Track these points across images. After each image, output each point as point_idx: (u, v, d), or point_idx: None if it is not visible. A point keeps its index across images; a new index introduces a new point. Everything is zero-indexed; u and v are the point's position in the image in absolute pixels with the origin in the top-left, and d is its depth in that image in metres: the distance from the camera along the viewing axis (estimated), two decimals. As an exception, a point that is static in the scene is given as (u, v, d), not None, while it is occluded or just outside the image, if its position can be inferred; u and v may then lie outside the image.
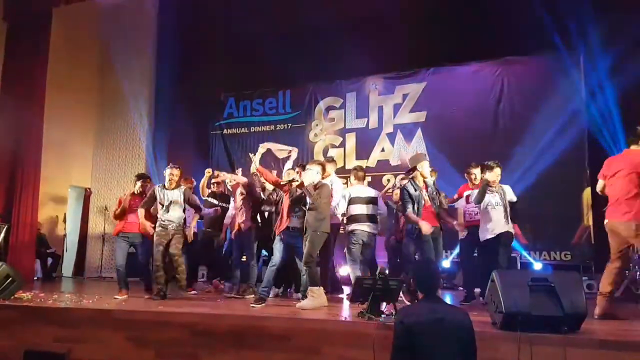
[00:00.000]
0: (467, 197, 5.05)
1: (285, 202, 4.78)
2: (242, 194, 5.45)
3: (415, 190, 4.58)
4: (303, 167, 5.00)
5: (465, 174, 5.26)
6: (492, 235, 4.57)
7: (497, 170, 4.62)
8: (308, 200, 4.50)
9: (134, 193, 5.50)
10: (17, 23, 7.75)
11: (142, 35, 9.58)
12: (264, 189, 5.53)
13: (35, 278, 7.74)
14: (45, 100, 7.80)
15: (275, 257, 4.69)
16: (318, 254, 4.58)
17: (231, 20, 8.46)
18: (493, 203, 4.59)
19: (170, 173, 5.19)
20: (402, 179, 5.16)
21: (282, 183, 4.92)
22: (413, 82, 7.95)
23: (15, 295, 4.79)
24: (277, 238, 4.77)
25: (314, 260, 4.39)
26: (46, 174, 7.94)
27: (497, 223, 4.56)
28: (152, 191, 5.22)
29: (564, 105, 6.84)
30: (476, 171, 5.08)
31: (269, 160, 6.23)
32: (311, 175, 4.58)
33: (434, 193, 4.65)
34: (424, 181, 4.67)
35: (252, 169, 5.12)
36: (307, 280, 4.49)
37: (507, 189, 4.74)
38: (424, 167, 4.64)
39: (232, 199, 5.94)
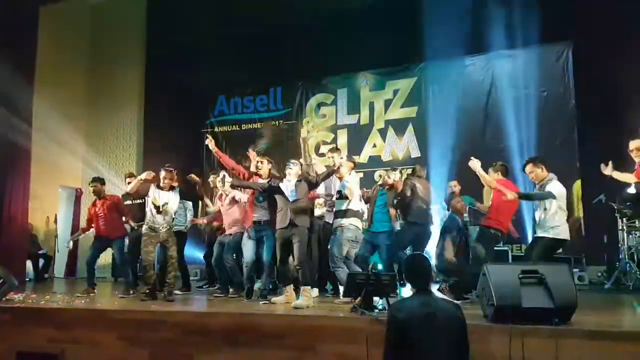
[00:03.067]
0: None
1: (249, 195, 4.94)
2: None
3: None
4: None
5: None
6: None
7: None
8: (291, 195, 4.44)
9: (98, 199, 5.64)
10: (4, 20, 7.64)
11: (132, 33, 9.51)
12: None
13: (27, 279, 7.67)
14: (33, 99, 7.72)
15: (247, 256, 4.85)
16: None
17: (222, 18, 8.41)
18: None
19: (164, 176, 5.03)
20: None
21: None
22: (403, 77, 7.96)
23: (7, 297, 4.75)
24: (245, 236, 4.89)
25: (306, 258, 4.36)
26: (36, 174, 7.86)
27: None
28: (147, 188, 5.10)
29: (553, 99, 6.91)
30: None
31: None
32: (296, 171, 4.56)
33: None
34: None
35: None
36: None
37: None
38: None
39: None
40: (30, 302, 4.75)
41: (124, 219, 5.70)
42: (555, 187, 4.16)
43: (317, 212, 5.09)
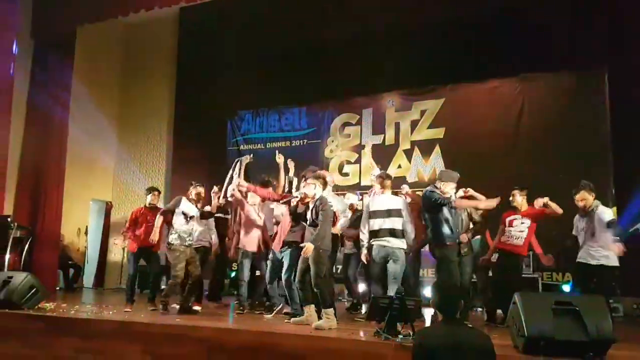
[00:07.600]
0: (511, 221, 4.90)
1: (286, 216, 4.89)
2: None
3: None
4: (304, 177, 4.95)
5: (511, 198, 4.99)
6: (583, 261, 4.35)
7: (578, 195, 4.39)
8: (309, 216, 4.43)
9: (145, 206, 5.67)
10: (44, 40, 8.05)
11: (163, 52, 9.84)
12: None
13: (58, 288, 7.89)
14: (69, 114, 8.05)
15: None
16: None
17: (250, 38, 8.63)
18: (579, 228, 4.45)
19: (197, 192, 5.28)
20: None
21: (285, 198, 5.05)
22: (431, 98, 7.91)
23: (39, 305, 4.90)
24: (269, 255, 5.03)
25: (323, 280, 4.25)
26: (69, 187, 8.14)
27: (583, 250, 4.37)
28: (178, 199, 5.23)
29: (587, 124, 6.65)
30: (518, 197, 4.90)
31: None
32: (310, 190, 4.52)
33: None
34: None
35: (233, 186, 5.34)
36: (300, 296, 4.53)
37: (600, 210, 4.36)
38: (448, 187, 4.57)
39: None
40: (60, 311, 4.88)
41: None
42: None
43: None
